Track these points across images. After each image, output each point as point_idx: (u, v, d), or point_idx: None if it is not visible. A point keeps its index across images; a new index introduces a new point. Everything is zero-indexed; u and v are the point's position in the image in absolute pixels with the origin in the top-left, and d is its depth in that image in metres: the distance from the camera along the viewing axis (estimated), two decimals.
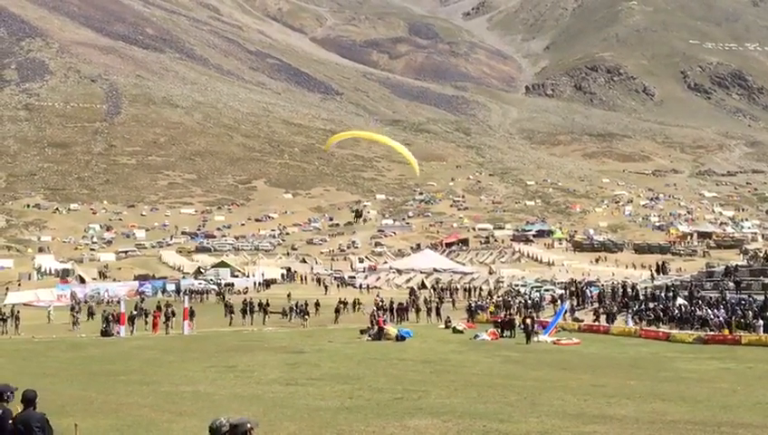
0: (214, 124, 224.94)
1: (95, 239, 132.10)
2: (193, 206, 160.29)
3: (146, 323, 49.17)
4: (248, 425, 7.60)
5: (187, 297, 55.37)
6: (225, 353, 32.39)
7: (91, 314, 59.50)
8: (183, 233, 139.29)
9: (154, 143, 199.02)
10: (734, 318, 41.04)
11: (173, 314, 48.36)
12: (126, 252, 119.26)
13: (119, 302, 53.90)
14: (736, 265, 56.62)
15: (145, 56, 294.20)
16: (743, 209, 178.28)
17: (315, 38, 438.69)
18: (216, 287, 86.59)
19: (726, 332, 39.52)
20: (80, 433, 12.08)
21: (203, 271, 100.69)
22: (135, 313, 49.27)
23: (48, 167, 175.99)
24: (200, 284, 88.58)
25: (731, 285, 49.13)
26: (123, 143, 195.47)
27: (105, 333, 43.54)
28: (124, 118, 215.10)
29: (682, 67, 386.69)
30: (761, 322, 39.01)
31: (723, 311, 42.46)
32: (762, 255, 60.00)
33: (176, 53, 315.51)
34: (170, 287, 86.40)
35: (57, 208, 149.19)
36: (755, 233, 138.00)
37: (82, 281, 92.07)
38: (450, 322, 48.29)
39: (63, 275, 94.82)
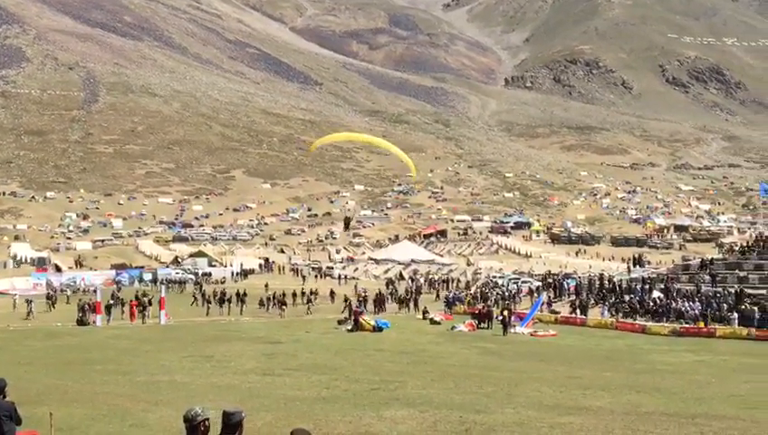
0: (192, 113, 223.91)
1: (71, 228, 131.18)
2: (171, 195, 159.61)
3: (122, 312, 48.96)
4: (243, 414, 7.58)
5: (163, 287, 55.18)
6: (202, 343, 32.31)
7: (53, 302, 58.81)
8: (160, 222, 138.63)
9: (132, 132, 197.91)
10: (709, 311, 41.31)
11: (150, 303, 48.20)
12: (103, 241, 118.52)
13: (95, 291, 53.57)
14: (712, 259, 56.95)
15: (123, 44, 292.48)
16: (719, 203, 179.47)
17: (295, 28, 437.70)
18: (193, 277, 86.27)
19: (701, 324, 39.80)
20: (54, 422, 11.99)
21: (180, 260, 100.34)
22: (111, 302, 49.02)
23: (24, 154, 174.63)
24: (177, 273, 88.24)
25: (706, 278, 49.43)
26: (100, 132, 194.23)
27: (81, 322, 43.32)
28: (101, 106, 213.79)
29: (660, 61, 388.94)
30: (735, 314, 39.30)
31: (698, 304, 42.73)
32: (737, 248, 60.39)
33: (154, 42, 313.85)
34: (147, 277, 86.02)
35: (33, 197, 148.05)
36: (731, 227, 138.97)
37: (58, 270, 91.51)
38: (428, 313, 48.34)
39: (39, 264, 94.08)
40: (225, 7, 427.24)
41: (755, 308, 39.34)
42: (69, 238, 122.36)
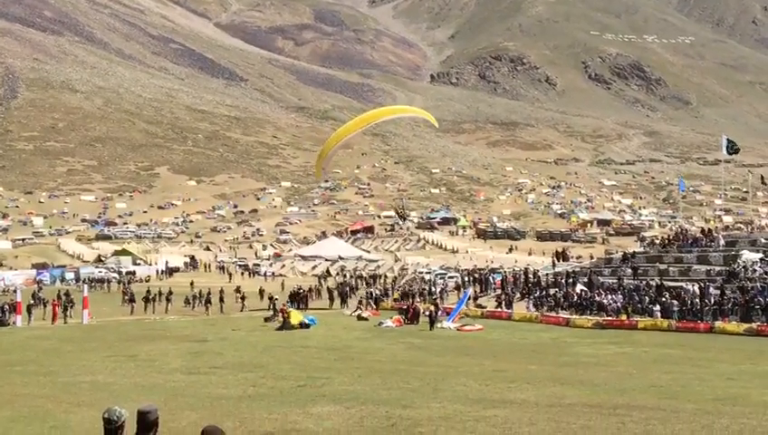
0: (115, 110, 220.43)
1: None
2: (93, 193, 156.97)
3: (44, 312, 48.00)
4: (158, 412, 7.45)
5: (86, 286, 54.26)
6: (126, 343, 31.81)
7: None
8: (83, 220, 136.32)
9: (52, 128, 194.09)
10: (631, 303, 42.02)
11: (72, 303, 47.33)
12: (23, 240, 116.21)
13: (15, 291, 52.41)
14: (633, 252, 57.95)
15: (43, 39, 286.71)
16: (640, 197, 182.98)
17: (219, 23, 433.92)
18: (117, 276, 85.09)
19: (623, 317, 40.48)
20: None
21: (103, 259, 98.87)
22: (32, 302, 48.01)
23: None
24: (100, 272, 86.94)
25: (628, 271, 50.26)
26: (20, 128, 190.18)
27: (1, 322, 42.37)
28: (21, 102, 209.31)
29: (583, 58, 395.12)
30: (658, 306, 40.00)
31: (620, 296, 43.43)
32: (658, 242, 61.55)
33: (75, 37, 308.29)
34: (69, 276, 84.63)
35: None
36: (652, 220, 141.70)
37: None
38: (356, 309, 48.36)
39: None
40: (148, 2, 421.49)
41: (674, 301, 40.11)
42: None
